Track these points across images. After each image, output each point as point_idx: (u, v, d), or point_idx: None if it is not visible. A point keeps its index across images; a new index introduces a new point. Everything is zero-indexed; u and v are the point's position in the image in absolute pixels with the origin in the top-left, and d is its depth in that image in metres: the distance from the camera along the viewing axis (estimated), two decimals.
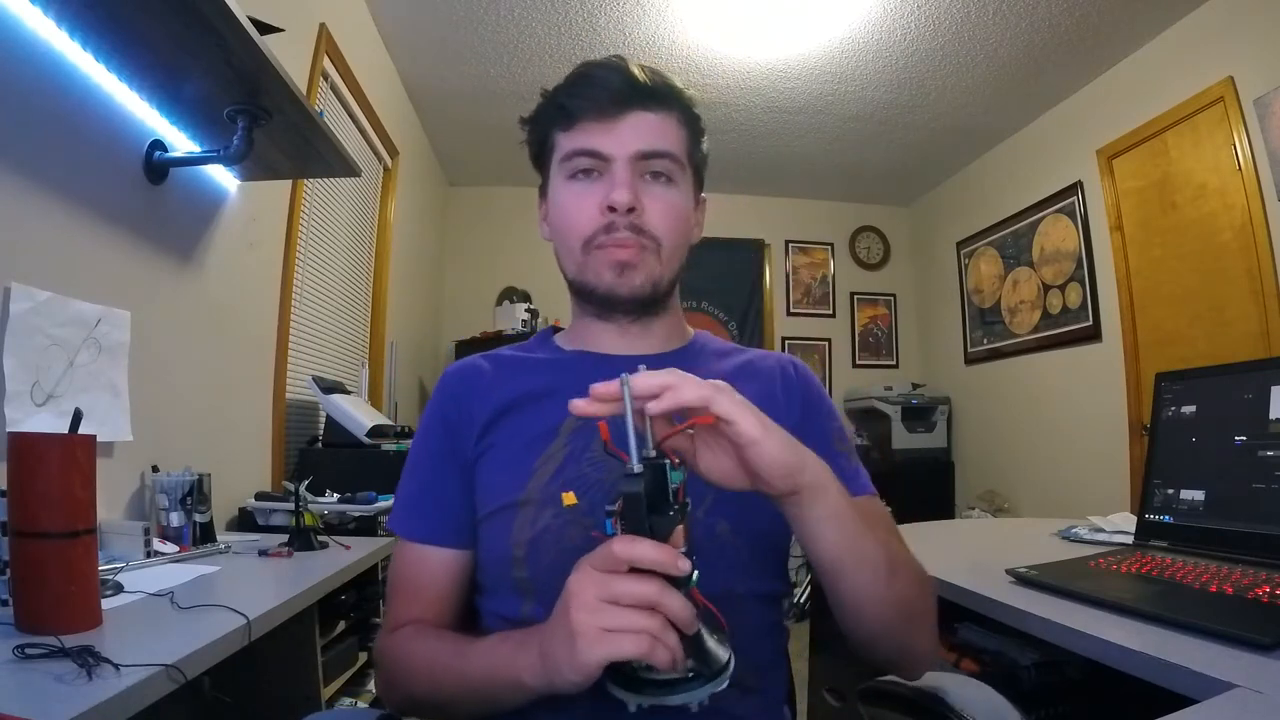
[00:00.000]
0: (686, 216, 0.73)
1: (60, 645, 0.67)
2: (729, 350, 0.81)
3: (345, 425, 2.11)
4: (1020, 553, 1.14)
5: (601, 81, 0.68)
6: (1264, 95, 2.37)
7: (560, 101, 0.70)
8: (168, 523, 1.31)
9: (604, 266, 0.69)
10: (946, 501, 4.16)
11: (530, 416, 0.69)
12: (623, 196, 0.66)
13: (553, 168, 0.73)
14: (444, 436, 0.71)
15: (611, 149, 0.68)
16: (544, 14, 2.74)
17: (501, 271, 4.43)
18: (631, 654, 0.44)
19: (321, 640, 1.29)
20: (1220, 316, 2.60)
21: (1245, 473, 1.01)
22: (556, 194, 0.72)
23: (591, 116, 0.68)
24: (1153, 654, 0.67)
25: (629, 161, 0.68)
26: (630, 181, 0.67)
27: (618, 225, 0.67)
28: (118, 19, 1.11)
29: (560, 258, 0.74)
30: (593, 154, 0.68)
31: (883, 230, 4.90)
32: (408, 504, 0.71)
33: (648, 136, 0.68)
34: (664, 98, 0.70)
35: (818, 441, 0.67)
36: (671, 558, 0.45)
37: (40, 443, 0.79)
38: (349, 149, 1.67)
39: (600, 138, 0.68)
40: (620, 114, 0.68)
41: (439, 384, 0.75)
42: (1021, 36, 2.86)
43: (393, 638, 0.66)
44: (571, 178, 0.70)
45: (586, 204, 0.69)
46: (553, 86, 0.72)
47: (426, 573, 0.68)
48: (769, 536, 0.67)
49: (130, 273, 1.37)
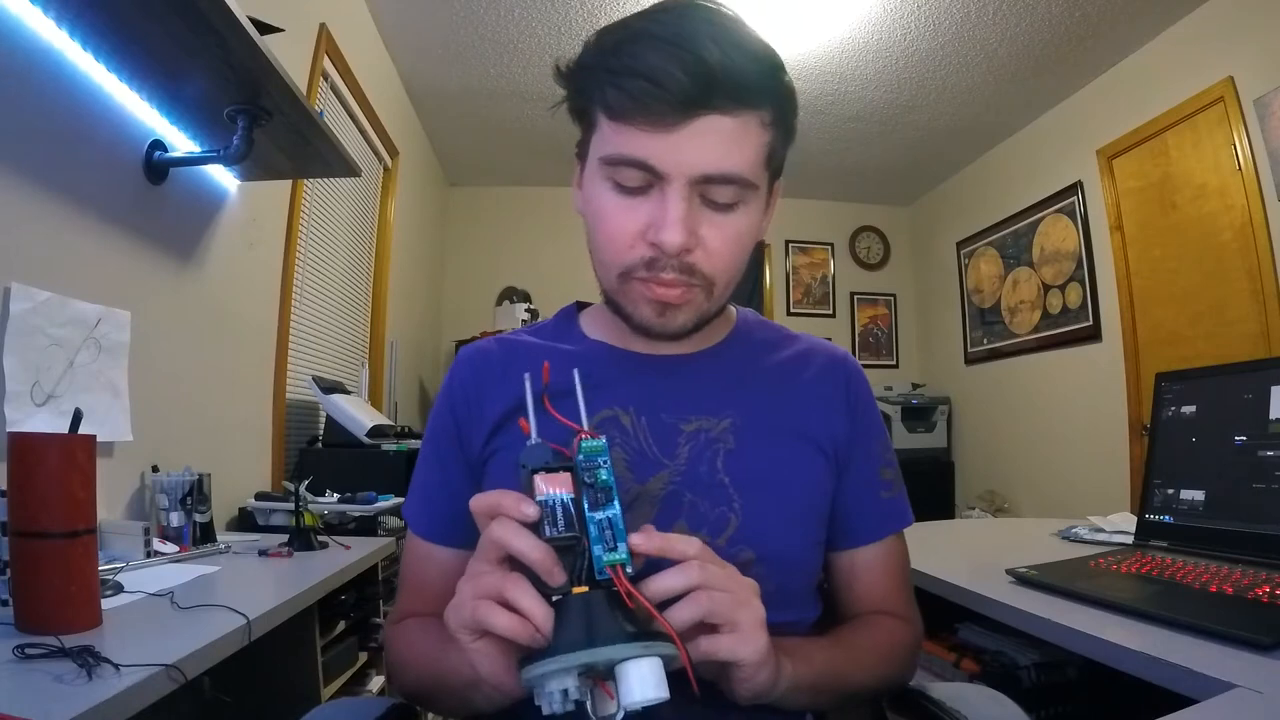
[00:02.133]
0: (752, 240, 0.58)
1: (60, 645, 0.67)
2: (778, 339, 0.70)
3: (345, 425, 2.11)
4: (1020, 553, 1.14)
5: (659, 75, 0.49)
6: (1264, 95, 2.37)
7: (610, 85, 0.52)
8: (168, 523, 1.30)
9: (642, 302, 0.57)
10: (946, 501, 4.16)
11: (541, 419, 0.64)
12: (675, 239, 0.52)
13: (593, 150, 0.57)
14: (453, 433, 0.66)
15: (666, 166, 0.52)
16: (544, 14, 2.74)
17: (501, 271, 4.43)
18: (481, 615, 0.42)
19: (321, 640, 1.29)
20: (1220, 316, 2.60)
21: (1245, 473, 1.01)
22: (595, 193, 0.57)
23: (644, 121, 0.51)
24: (1153, 654, 0.67)
25: (688, 184, 0.52)
26: (685, 215, 0.52)
27: (664, 264, 0.54)
28: (118, 19, 1.11)
29: (593, 257, 0.60)
30: (643, 167, 0.52)
31: (883, 230, 4.90)
32: (417, 494, 0.68)
33: (716, 154, 0.52)
34: (749, 95, 0.52)
35: (862, 467, 0.67)
36: (517, 500, 0.44)
37: (40, 443, 0.79)
38: (349, 149, 1.67)
39: (653, 148, 0.52)
40: (684, 121, 0.50)
41: (451, 371, 0.69)
42: (1021, 36, 2.85)
43: (396, 628, 0.65)
44: (613, 185, 0.55)
45: (628, 226, 0.54)
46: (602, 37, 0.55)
47: (432, 569, 0.66)
48: (799, 564, 0.63)
49: (130, 273, 1.37)
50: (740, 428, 0.62)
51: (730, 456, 0.61)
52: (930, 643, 1.10)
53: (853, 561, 0.67)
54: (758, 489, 0.60)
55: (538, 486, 0.45)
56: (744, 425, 0.62)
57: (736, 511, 0.59)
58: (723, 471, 0.60)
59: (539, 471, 0.45)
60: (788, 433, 0.63)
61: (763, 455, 0.61)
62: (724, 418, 0.62)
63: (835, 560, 0.67)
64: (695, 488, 0.59)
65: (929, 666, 1.09)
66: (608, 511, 0.45)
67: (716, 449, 0.61)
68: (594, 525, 0.44)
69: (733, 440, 0.61)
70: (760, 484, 0.60)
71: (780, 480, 0.61)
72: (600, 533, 0.44)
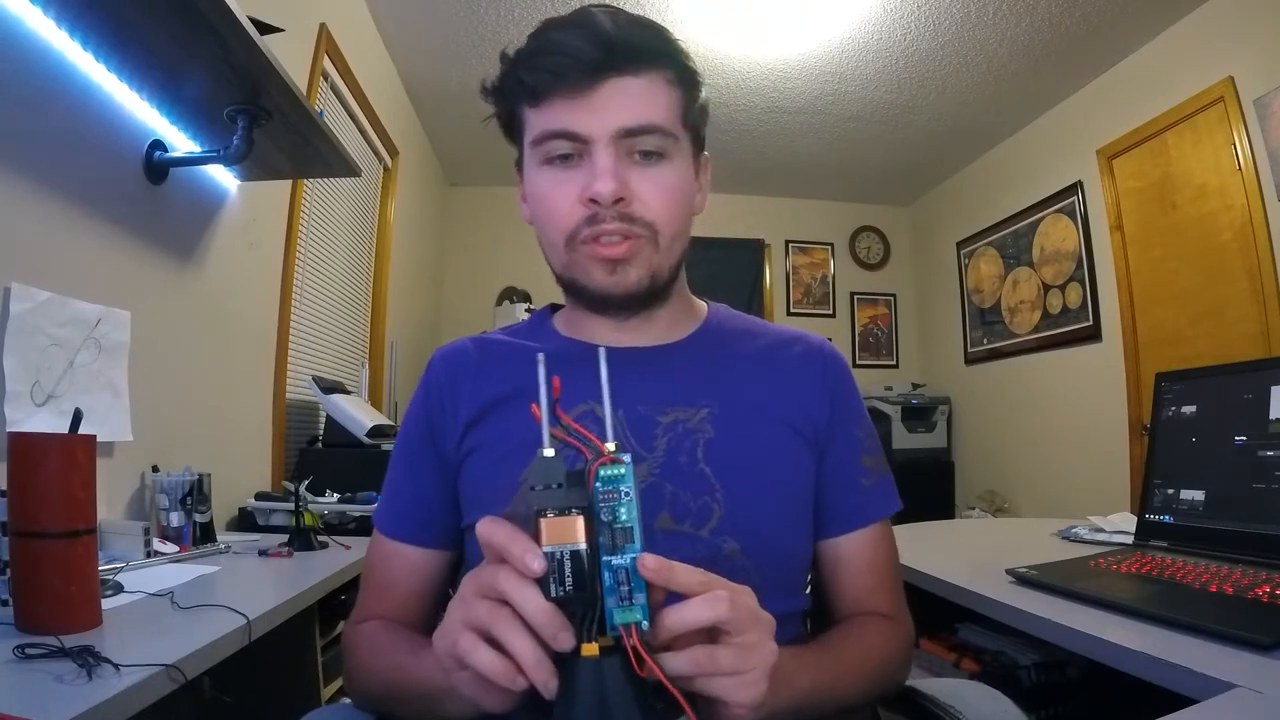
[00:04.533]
0: (685, 193, 0.62)
1: (60, 645, 0.67)
2: (750, 329, 0.72)
3: (345, 425, 2.10)
4: (1020, 553, 1.14)
5: (567, 48, 0.56)
6: (1264, 95, 2.37)
7: (521, 75, 0.58)
8: (168, 523, 1.30)
9: (593, 264, 0.60)
10: (946, 501, 4.15)
11: (517, 417, 0.61)
12: (606, 186, 0.56)
13: (525, 147, 0.62)
14: (426, 433, 0.66)
15: (588, 128, 0.57)
16: (544, 14, 2.72)
17: (501, 271, 4.42)
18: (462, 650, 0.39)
19: (321, 640, 1.29)
20: (1220, 316, 2.60)
21: (1245, 473, 1.01)
22: (532, 179, 0.62)
23: (561, 92, 0.57)
24: (1153, 654, 0.67)
25: (611, 141, 0.57)
26: (614, 166, 0.57)
27: (603, 217, 0.58)
28: (118, 19, 1.11)
29: (544, 248, 0.64)
30: (567, 135, 0.57)
31: (883, 230, 4.90)
32: (388, 495, 0.68)
33: (631, 109, 0.57)
34: (648, 55, 0.58)
35: (843, 451, 0.66)
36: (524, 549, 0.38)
37: (40, 443, 0.79)
38: (349, 149, 1.67)
39: (573, 115, 0.57)
40: (595, 84, 0.56)
41: (426, 370, 0.69)
42: (1021, 36, 2.85)
43: (358, 630, 0.63)
44: (546, 163, 0.60)
45: (565, 194, 0.59)
46: (514, 50, 0.61)
47: (398, 570, 0.65)
48: (786, 553, 0.62)
49: (130, 273, 1.37)
50: (718, 416, 0.62)
51: (710, 445, 0.60)
52: (930, 643, 1.10)
53: (837, 551, 0.66)
54: (739, 476, 0.60)
55: (544, 532, 0.38)
56: (722, 413, 0.62)
57: (719, 501, 0.59)
58: (703, 461, 0.60)
59: (546, 514, 0.39)
60: (767, 418, 0.64)
61: (743, 442, 0.61)
62: (701, 407, 0.62)
63: (820, 551, 0.66)
64: (676, 479, 0.59)
65: (929, 666, 1.09)
66: (626, 556, 0.39)
67: (695, 439, 0.61)
68: (609, 572, 0.39)
69: (711, 429, 0.61)
70: (742, 471, 0.60)
71: (762, 466, 0.61)
72: (615, 583, 0.38)
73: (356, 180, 2.58)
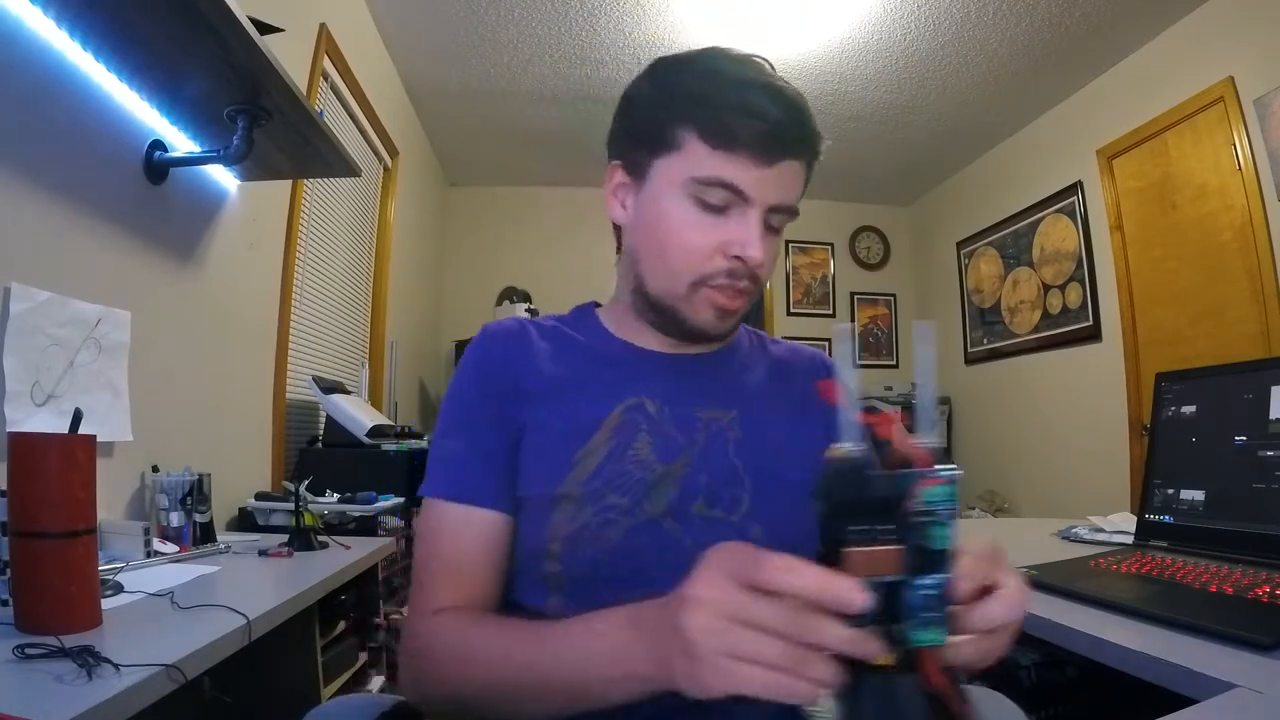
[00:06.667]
0: None
1: (60, 645, 0.67)
2: (764, 342, 0.80)
3: (345, 425, 2.11)
4: (1020, 553, 1.14)
5: (767, 115, 0.59)
6: (1264, 95, 2.37)
7: (717, 116, 0.60)
8: (168, 523, 1.30)
9: (708, 308, 0.65)
10: None
11: (574, 404, 0.65)
12: (759, 254, 0.61)
13: (667, 169, 0.63)
14: (493, 401, 0.65)
15: (758, 195, 0.61)
16: (544, 14, 2.74)
17: (501, 271, 4.42)
18: (759, 692, 0.36)
19: (321, 640, 1.29)
20: (1220, 316, 2.60)
21: (1245, 473, 1.01)
22: (667, 207, 0.63)
23: (752, 154, 0.60)
24: (1153, 654, 0.67)
25: (765, 211, 0.62)
26: (763, 235, 0.62)
27: (740, 274, 0.63)
28: (118, 19, 1.11)
29: (641, 265, 0.67)
30: (736, 191, 0.61)
31: (883, 230, 4.90)
32: (450, 462, 0.64)
33: (787, 190, 0.63)
34: (810, 146, 0.64)
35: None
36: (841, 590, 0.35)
37: (40, 443, 0.79)
38: (349, 149, 1.67)
39: (748, 177, 0.60)
40: (776, 160, 0.61)
41: (481, 345, 0.69)
42: (1021, 36, 2.85)
43: (434, 624, 0.58)
44: (697, 202, 0.62)
45: (708, 240, 0.62)
46: (682, 70, 0.63)
47: (470, 541, 0.61)
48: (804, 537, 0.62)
49: (130, 273, 1.37)
50: (744, 418, 0.69)
51: (738, 443, 0.67)
52: None
53: None
54: (764, 466, 0.66)
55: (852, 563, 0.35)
56: (747, 416, 0.69)
57: (747, 490, 0.64)
58: (734, 455, 0.66)
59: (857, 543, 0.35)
60: (786, 415, 0.71)
61: (766, 438, 0.68)
62: (730, 408, 0.69)
63: None
64: (711, 469, 0.64)
65: None
66: (935, 578, 0.35)
67: (727, 436, 0.67)
68: (916, 595, 0.35)
69: (739, 429, 0.68)
70: (765, 462, 0.66)
71: (782, 453, 0.67)
72: (921, 603, 0.35)
73: (356, 180, 2.58)
